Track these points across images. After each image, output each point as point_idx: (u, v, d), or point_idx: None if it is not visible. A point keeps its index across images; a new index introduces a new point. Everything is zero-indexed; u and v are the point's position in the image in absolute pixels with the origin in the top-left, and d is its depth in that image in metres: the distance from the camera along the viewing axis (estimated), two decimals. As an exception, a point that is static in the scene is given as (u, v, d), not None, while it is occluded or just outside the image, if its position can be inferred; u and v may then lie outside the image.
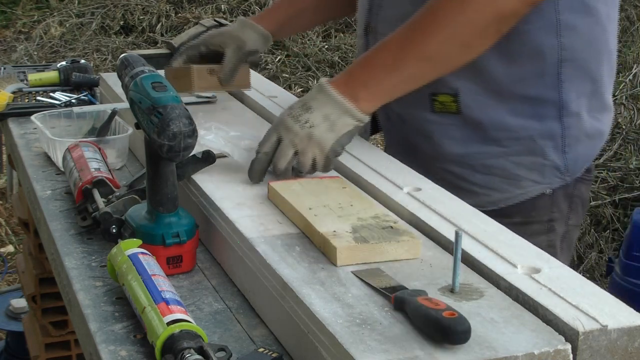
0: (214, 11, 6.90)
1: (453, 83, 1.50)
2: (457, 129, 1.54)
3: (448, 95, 1.52)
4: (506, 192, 1.55)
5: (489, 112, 1.52)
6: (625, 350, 0.96)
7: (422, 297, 0.97)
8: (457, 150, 1.55)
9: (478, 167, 1.55)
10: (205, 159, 1.41)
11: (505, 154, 1.53)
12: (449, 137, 1.55)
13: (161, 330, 1.00)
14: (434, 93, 1.52)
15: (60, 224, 1.45)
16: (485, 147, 1.54)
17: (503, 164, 1.54)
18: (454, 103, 1.52)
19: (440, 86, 1.50)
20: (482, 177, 1.55)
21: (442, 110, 1.54)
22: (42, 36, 6.66)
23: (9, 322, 2.85)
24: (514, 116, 1.51)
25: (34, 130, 1.91)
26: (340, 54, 6.77)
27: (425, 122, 1.57)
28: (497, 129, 1.52)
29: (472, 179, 1.54)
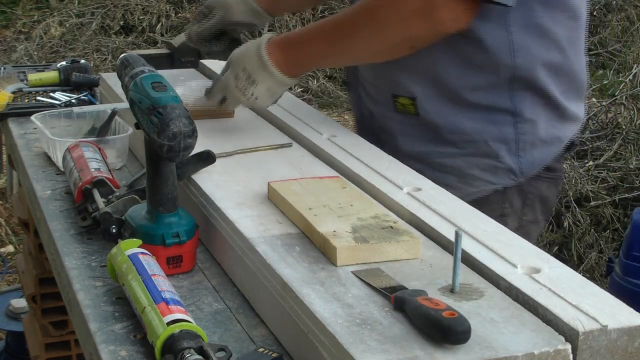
0: (214, 11, 6.89)
1: (411, 88, 1.61)
2: (415, 128, 1.64)
3: (407, 98, 1.62)
4: (460, 190, 1.58)
5: (445, 115, 1.60)
6: (625, 350, 0.96)
7: (422, 297, 0.97)
8: (416, 148, 1.65)
9: (435, 165, 1.63)
10: (205, 159, 1.41)
11: (460, 154, 1.61)
12: (408, 135, 1.65)
13: (161, 330, 1.00)
14: (395, 95, 1.64)
15: (60, 224, 1.45)
16: (442, 147, 1.62)
17: (458, 163, 1.62)
18: (412, 106, 1.62)
19: (400, 89, 1.63)
20: (438, 175, 1.60)
21: (402, 110, 1.65)
22: (42, 36, 6.66)
23: (9, 322, 2.84)
24: (468, 120, 1.59)
25: (34, 130, 1.91)
26: (340, 54, 6.74)
27: (389, 120, 1.68)
28: (452, 131, 1.61)
29: (428, 175, 1.55)
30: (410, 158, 1.60)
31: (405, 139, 1.66)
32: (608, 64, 5.73)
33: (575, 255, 3.65)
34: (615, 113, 4.36)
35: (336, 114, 6.22)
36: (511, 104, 1.57)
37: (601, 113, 4.34)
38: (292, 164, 1.49)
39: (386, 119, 1.68)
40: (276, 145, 1.58)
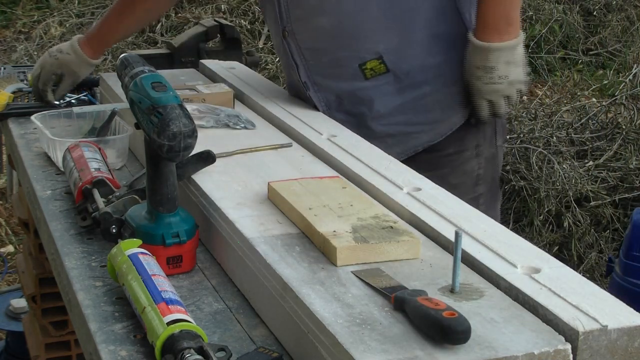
0: (214, 11, 6.90)
1: (376, 47, 1.73)
2: (389, 85, 1.76)
3: (374, 60, 1.73)
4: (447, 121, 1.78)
5: (411, 60, 1.74)
6: (625, 350, 0.96)
7: (422, 297, 0.97)
8: (397, 103, 1.77)
9: (418, 108, 1.77)
10: (205, 159, 1.41)
11: (436, 90, 1.77)
12: (386, 95, 1.76)
13: (161, 330, 1.00)
14: (361, 63, 1.74)
15: (60, 224, 1.45)
16: (417, 90, 1.76)
17: (437, 97, 1.77)
18: (381, 64, 1.73)
19: (367, 55, 1.73)
20: (426, 115, 1.78)
21: (372, 74, 1.75)
22: (42, 36, 6.66)
23: (9, 322, 2.84)
24: (431, 56, 1.75)
25: (34, 130, 1.91)
26: (340, 54, 6.75)
27: (363, 91, 1.77)
28: (422, 71, 1.75)
29: (416, 120, 1.78)
30: (395, 114, 1.76)
31: (385, 101, 1.76)
32: (608, 64, 5.72)
33: (575, 255, 3.65)
34: (615, 113, 4.35)
35: (336, 114, 6.21)
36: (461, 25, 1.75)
37: (601, 113, 4.34)
38: (292, 164, 1.49)
39: (360, 91, 1.77)
40: (276, 145, 1.58)
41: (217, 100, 1.77)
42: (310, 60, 1.80)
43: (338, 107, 1.81)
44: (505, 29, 1.68)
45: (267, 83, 2.06)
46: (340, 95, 1.80)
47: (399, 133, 1.78)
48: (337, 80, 1.78)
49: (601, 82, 5.23)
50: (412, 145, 1.80)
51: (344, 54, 1.75)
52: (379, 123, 1.79)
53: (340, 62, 1.77)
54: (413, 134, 1.79)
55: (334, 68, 1.78)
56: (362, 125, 1.78)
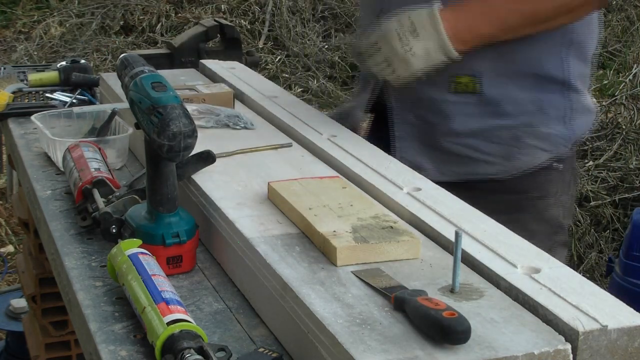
0: (214, 11, 6.91)
1: (476, 65, 1.63)
2: (474, 106, 1.66)
3: (468, 76, 1.64)
4: (518, 161, 1.68)
5: (505, 89, 1.65)
6: (625, 350, 0.96)
7: (422, 297, 0.97)
8: (473, 126, 1.67)
9: (493, 138, 1.67)
10: (205, 159, 1.41)
11: (518, 125, 1.66)
12: (466, 115, 1.66)
13: (161, 330, 1.00)
14: (454, 75, 1.64)
15: (60, 224, 1.45)
16: (500, 120, 1.66)
17: (516, 134, 1.67)
18: (474, 84, 1.64)
19: (462, 68, 1.63)
20: (496, 147, 1.67)
21: (460, 89, 1.65)
22: (42, 36, 6.66)
23: (9, 322, 2.84)
24: (524, 91, 1.65)
25: (34, 130, 1.91)
26: (340, 54, 6.77)
27: (444, 103, 1.67)
28: (510, 103, 1.65)
29: (486, 149, 1.67)
30: (465, 136, 1.67)
31: (461, 119, 1.67)
32: (608, 64, 5.73)
33: (575, 255, 3.65)
34: (615, 113, 4.36)
35: (336, 114, 6.21)
36: (562, 72, 1.66)
37: (601, 113, 4.34)
38: (292, 164, 1.49)
39: (440, 102, 1.67)
40: (276, 145, 1.58)
41: (217, 100, 1.77)
42: None
43: (412, 107, 1.72)
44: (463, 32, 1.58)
45: (267, 83, 2.06)
46: (420, 97, 1.69)
47: (466, 156, 1.69)
48: (423, 82, 1.66)
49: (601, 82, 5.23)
50: (474, 172, 1.70)
51: None
52: (448, 139, 1.69)
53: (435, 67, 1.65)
54: (480, 162, 1.69)
55: None
56: (428, 134, 1.70)
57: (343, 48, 6.77)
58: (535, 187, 1.71)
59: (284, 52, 6.71)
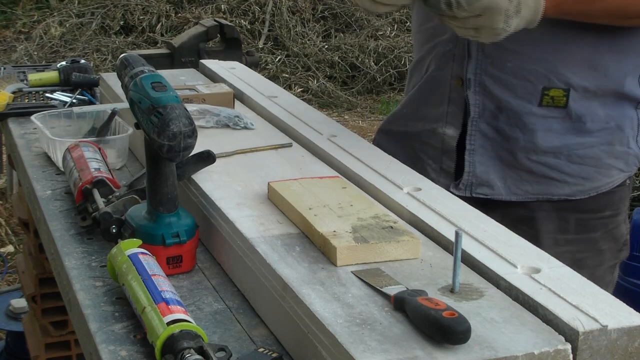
0: (214, 11, 6.91)
1: (568, 79, 1.56)
2: (558, 122, 1.59)
3: (560, 89, 1.56)
4: (597, 181, 1.62)
5: (589, 105, 1.58)
6: (625, 350, 0.96)
7: (422, 297, 0.97)
8: (556, 143, 1.60)
9: (573, 158, 1.60)
10: (205, 159, 1.41)
11: (598, 143, 1.61)
12: (549, 130, 1.59)
13: (161, 330, 1.00)
14: (546, 87, 1.56)
15: (60, 224, 1.45)
16: (582, 137, 1.60)
17: (596, 153, 1.61)
18: (564, 98, 1.57)
19: (555, 80, 1.56)
20: (576, 167, 1.60)
21: (549, 104, 1.58)
22: (42, 36, 6.66)
23: (9, 322, 2.85)
24: (604, 108, 1.59)
25: (34, 130, 1.91)
26: (340, 54, 6.77)
27: (528, 116, 1.59)
28: (593, 121, 1.59)
29: (566, 169, 1.60)
30: (546, 153, 1.60)
31: (545, 134, 1.59)
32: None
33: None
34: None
35: (336, 114, 6.22)
36: (638, 91, 1.61)
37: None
38: (292, 164, 1.49)
39: (525, 114, 1.59)
40: (276, 145, 1.58)
41: (217, 100, 1.77)
42: (490, 58, 1.58)
43: (490, 119, 1.61)
44: None
45: (267, 83, 2.06)
46: (502, 109, 1.60)
47: (544, 176, 1.60)
48: (509, 92, 1.58)
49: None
50: (549, 192, 1.61)
51: (534, 68, 1.56)
52: (526, 155, 1.60)
53: (526, 74, 1.57)
54: (557, 182, 1.61)
55: (515, 78, 1.58)
56: (505, 148, 1.61)
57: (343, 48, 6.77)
58: (608, 206, 1.65)
59: (284, 52, 6.71)
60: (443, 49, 1.64)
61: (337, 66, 6.68)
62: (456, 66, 1.62)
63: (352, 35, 6.95)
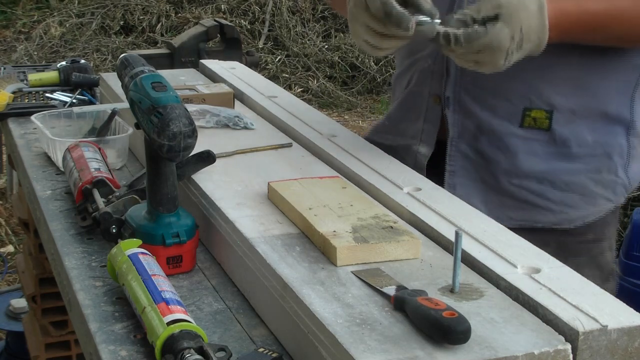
0: (214, 11, 6.91)
1: (551, 99, 1.49)
2: (542, 145, 1.52)
3: (543, 110, 1.49)
4: (583, 210, 1.53)
5: (575, 128, 1.51)
6: (625, 350, 0.96)
7: (422, 297, 0.97)
8: (539, 167, 1.52)
9: (558, 184, 1.53)
10: (205, 159, 1.41)
11: (584, 170, 1.53)
12: (532, 153, 1.52)
13: (161, 330, 1.01)
14: (528, 108, 1.50)
15: (60, 224, 1.45)
16: (567, 163, 1.52)
17: (582, 180, 1.53)
18: (547, 120, 1.50)
19: (537, 101, 1.49)
20: (561, 195, 1.52)
21: (531, 125, 1.51)
22: (42, 36, 6.66)
23: (9, 322, 2.85)
24: (592, 131, 1.52)
25: (34, 130, 1.91)
26: (340, 54, 6.77)
27: (509, 137, 1.52)
28: (580, 145, 1.51)
29: (550, 195, 1.52)
30: (529, 178, 1.52)
31: (527, 158, 1.52)
32: None
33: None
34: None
35: (336, 114, 6.22)
36: (629, 113, 1.53)
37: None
38: (292, 164, 1.49)
39: (506, 135, 1.52)
40: (276, 145, 1.58)
41: (217, 100, 1.77)
42: (469, 77, 1.51)
43: (470, 140, 1.55)
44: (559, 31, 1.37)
45: (267, 83, 2.06)
46: (482, 129, 1.53)
47: (525, 201, 1.53)
48: (489, 112, 1.52)
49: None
50: (534, 219, 1.53)
51: (515, 87, 1.49)
52: (508, 180, 1.53)
53: (506, 94, 1.50)
54: (538, 208, 1.53)
55: (495, 97, 1.52)
56: (486, 170, 1.55)
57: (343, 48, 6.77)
58: (591, 231, 1.56)
59: (284, 52, 6.71)
60: (422, 65, 1.59)
61: (337, 66, 6.68)
62: (435, 83, 1.56)
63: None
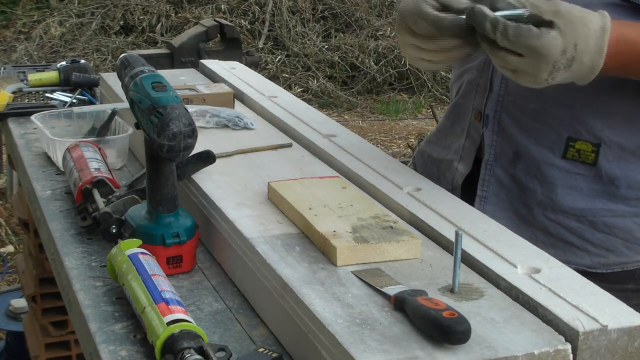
0: (214, 11, 6.91)
1: (599, 131, 1.37)
2: (585, 180, 1.40)
3: (589, 143, 1.38)
4: (624, 256, 1.42)
5: (627, 167, 1.39)
6: (625, 350, 0.96)
7: (422, 297, 0.97)
8: (579, 204, 1.41)
9: (599, 225, 1.41)
10: (205, 159, 1.41)
11: (633, 214, 1.41)
12: (573, 188, 1.41)
13: (161, 330, 1.00)
14: (572, 138, 1.39)
15: (60, 224, 1.45)
16: (612, 204, 1.40)
17: (627, 225, 1.41)
18: (593, 153, 1.38)
19: (583, 132, 1.38)
20: (601, 237, 1.41)
21: (575, 158, 1.40)
22: (42, 36, 6.66)
23: (9, 322, 2.85)
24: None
25: (34, 130, 1.91)
26: (340, 54, 6.77)
27: (549, 167, 1.41)
28: (630, 186, 1.40)
29: (588, 236, 1.41)
30: (567, 214, 1.41)
31: (568, 192, 1.40)
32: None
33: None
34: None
35: (336, 114, 6.23)
36: None
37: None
38: (292, 164, 1.49)
39: (545, 165, 1.41)
40: (276, 145, 1.58)
41: (217, 100, 1.77)
42: (512, 96, 1.42)
43: (506, 165, 1.45)
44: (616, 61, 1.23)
45: (267, 83, 2.06)
46: (520, 155, 1.43)
47: (559, 238, 1.41)
48: (529, 137, 1.41)
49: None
50: (565, 259, 1.28)
51: (559, 113, 1.37)
52: (543, 213, 1.42)
53: (549, 120, 1.39)
54: (574, 248, 1.41)
55: (536, 121, 1.41)
56: (520, 201, 1.44)
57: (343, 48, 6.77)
58: (631, 278, 1.43)
59: (284, 52, 6.71)
60: (469, 76, 1.50)
61: (337, 66, 6.68)
62: (478, 98, 1.47)
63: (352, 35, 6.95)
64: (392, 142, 5.84)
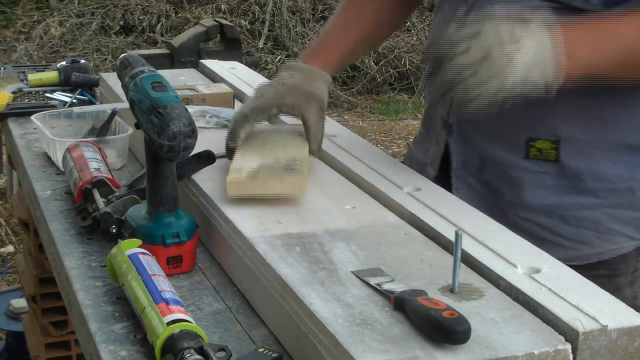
0: (214, 11, 6.91)
1: (557, 129, 1.40)
2: (550, 177, 1.43)
3: (548, 141, 1.41)
4: (597, 247, 1.43)
5: (590, 161, 1.40)
6: (625, 350, 0.96)
7: (422, 297, 0.97)
8: (548, 201, 1.43)
9: (569, 219, 1.43)
10: (205, 159, 1.41)
11: (601, 205, 1.42)
12: (540, 186, 1.43)
13: (161, 330, 1.00)
14: (531, 138, 1.41)
15: (60, 224, 1.45)
16: (580, 198, 1.42)
17: (597, 216, 1.42)
18: (554, 150, 1.41)
19: (540, 131, 1.41)
20: (573, 230, 1.43)
21: (537, 156, 1.42)
22: (42, 36, 6.66)
23: (9, 322, 2.85)
24: (614, 165, 1.41)
25: (34, 130, 1.91)
26: (340, 54, 6.75)
27: (515, 169, 1.44)
28: (595, 178, 1.41)
29: (560, 231, 1.43)
30: (538, 212, 1.44)
31: (534, 191, 1.43)
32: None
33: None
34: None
35: (336, 114, 6.22)
36: None
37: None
38: (292, 164, 1.49)
39: (510, 167, 1.44)
40: (276, 145, 1.58)
41: (217, 100, 1.77)
42: None
43: (475, 171, 1.49)
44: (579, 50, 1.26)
45: (267, 83, 2.06)
46: (486, 160, 1.47)
47: (534, 235, 1.40)
48: (491, 142, 1.45)
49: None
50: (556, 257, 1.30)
51: (516, 115, 1.36)
52: (515, 212, 1.45)
53: (508, 122, 1.41)
54: (548, 243, 1.40)
55: (495, 126, 1.44)
56: (493, 203, 1.46)
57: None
58: (603, 267, 1.44)
59: (284, 52, 6.71)
60: None
61: (337, 66, 6.67)
62: (442, 107, 1.50)
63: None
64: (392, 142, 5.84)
